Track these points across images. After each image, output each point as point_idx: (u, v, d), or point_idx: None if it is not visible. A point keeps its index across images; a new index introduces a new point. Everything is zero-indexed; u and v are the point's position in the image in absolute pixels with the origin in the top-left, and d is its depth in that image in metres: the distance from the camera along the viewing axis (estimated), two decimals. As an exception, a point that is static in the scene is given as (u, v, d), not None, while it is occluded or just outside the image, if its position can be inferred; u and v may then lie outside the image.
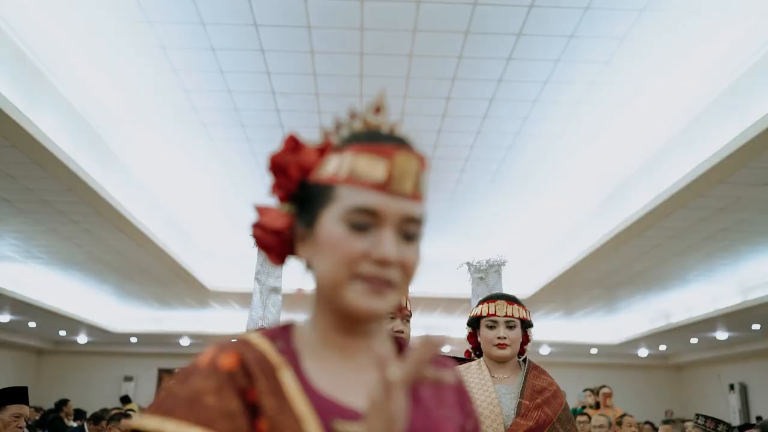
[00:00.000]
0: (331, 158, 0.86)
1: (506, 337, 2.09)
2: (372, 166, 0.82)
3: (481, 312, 2.16)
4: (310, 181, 0.87)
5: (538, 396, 2.06)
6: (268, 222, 0.89)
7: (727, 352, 16.24)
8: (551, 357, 18.59)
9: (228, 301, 14.52)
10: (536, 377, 2.15)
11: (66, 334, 17.16)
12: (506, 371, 2.14)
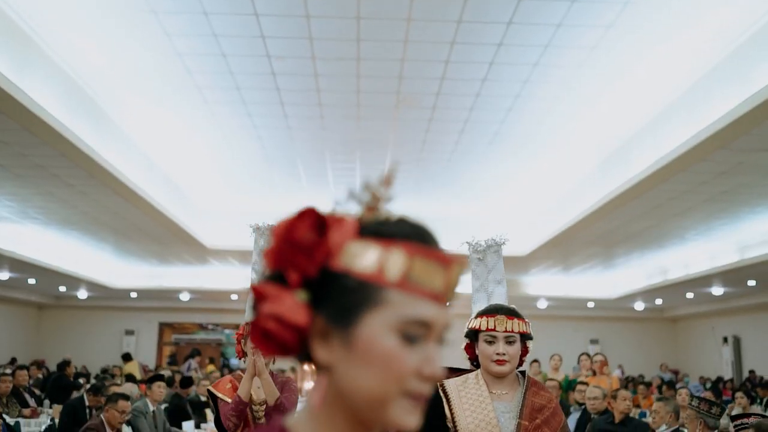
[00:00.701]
0: (363, 247, 0.75)
1: (505, 353, 2.03)
2: (432, 274, 0.74)
3: (480, 326, 2.07)
4: (335, 268, 0.74)
5: (538, 415, 2.01)
6: (287, 314, 0.72)
7: (722, 306, 16.39)
8: (548, 311, 18.77)
9: (227, 258, 14.56)
10: (535, 394, 2.09)
11: (66, 290, 17.26)
12: (504, 387, 2.08)
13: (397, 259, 0.72)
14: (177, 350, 20.76)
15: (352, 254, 0.74)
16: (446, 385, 2.09)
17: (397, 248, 0.73)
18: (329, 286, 0.74)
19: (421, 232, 0.77)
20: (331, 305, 0.74)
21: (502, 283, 2.51)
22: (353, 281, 0.73)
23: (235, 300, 18.89)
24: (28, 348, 18.97)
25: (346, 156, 9.41)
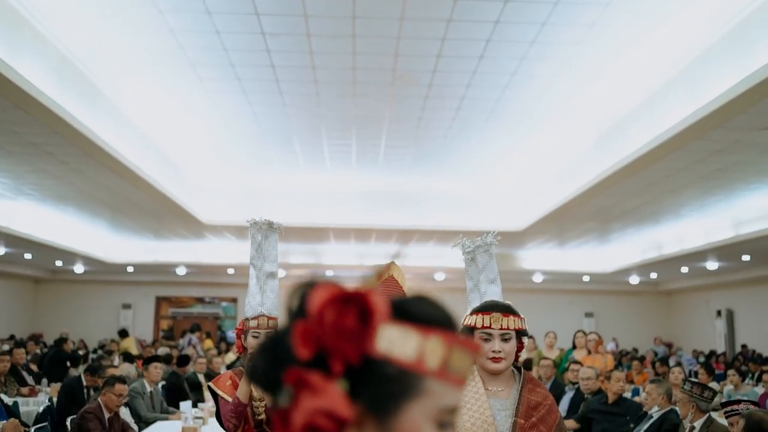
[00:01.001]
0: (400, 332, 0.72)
1: (501, 351, 2.02)
2: (465, 362, 0.73)
3: (475, 323, 2.07)
4: (373, 354, 0.71)
5: (533, 413, 2.01)
6: (336, 409, 0.68)
7: (716, 279, 16.50)
8: (544, 284, 18.87)
9: (223, 233, 14.57)
10: (531, 391, 2.09)
11: (62, 264, 17.27)
12: (500, 383, 2.08)
13: (437, 348, 0.71)
14: (174, 324, 20.86)
15: (389, 339, 0.71)
16: None
17: (435, 337, 0.71)
18: (368, 373, 0.71)
19: (450, 317, 0.75)
20: (370, 394, 0.71)
21: (496, 282, 2.51)
22: (393, 369, 0.71)
23: (232, 274, 18.94)
24: (25, 322, 19.04)
25: (342, 132, 9.36)
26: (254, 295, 2.89)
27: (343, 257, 16.81)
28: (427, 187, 12.43)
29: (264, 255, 2.94)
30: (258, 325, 2.84)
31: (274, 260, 2.97)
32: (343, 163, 10.90)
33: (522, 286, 19.65)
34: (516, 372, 2.16)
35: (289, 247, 16.63)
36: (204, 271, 18.36)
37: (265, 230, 2.97)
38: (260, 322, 2.84)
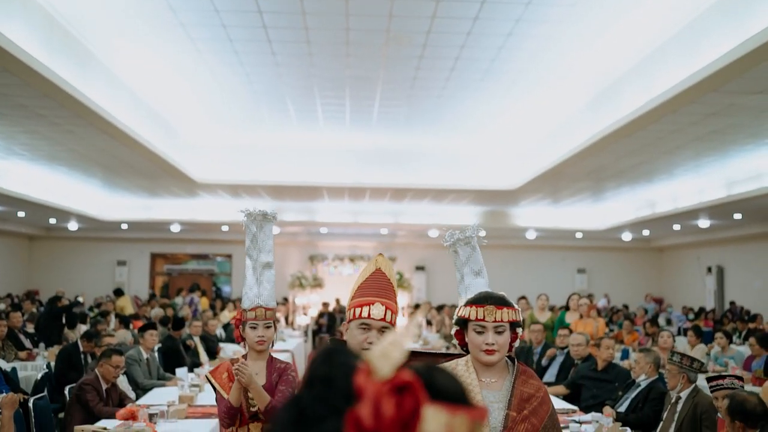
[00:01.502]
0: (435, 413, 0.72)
1: (495, 343, 2.02)
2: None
3: (469, 315, 2.06)
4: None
5: (526, 405, 2.02)
6: None
7: (708, 237, 16.63)
8: (537, 241, 18.99)
9: (217, 192, 14.54)
10: (524, 383, 2.09)
11: (56, 222, 17.25)
12: (494, 375, 2.09)
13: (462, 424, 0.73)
14: (169, 280, 20.98)
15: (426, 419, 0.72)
16: None
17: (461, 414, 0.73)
18: None
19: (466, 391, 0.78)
20: None
21: (481, 274, 2.50)
22: None
23: (226, 231, 18.97)
24: (20, 279, 19.12)
25: (336, 92, 9.28)
26: (251, 287, 2.89)
27: (337, 215, 16.83)
28: (422, 146, 12.39)
29: (259, 246, 2.94)
30: (255, 317, 2.86)
31: (270, 250, 2.96)
32: (336, 122, 10.83)
33: (515, 242, 19.77)
34: (509, 363, 2.16)
35: (282, 205, 16.64)
36: (198, 228, 18.38)
37: (260, 221, 2.96)
38: (257, 313, 2.86)
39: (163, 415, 4.02)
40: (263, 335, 2.84)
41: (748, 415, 2.85)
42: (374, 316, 2.03)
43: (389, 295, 2.12)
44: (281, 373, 2.85)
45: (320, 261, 18.33)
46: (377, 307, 2.05)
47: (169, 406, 4.23)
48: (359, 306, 2.07)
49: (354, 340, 2.04)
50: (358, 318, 2.05)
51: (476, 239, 2.54)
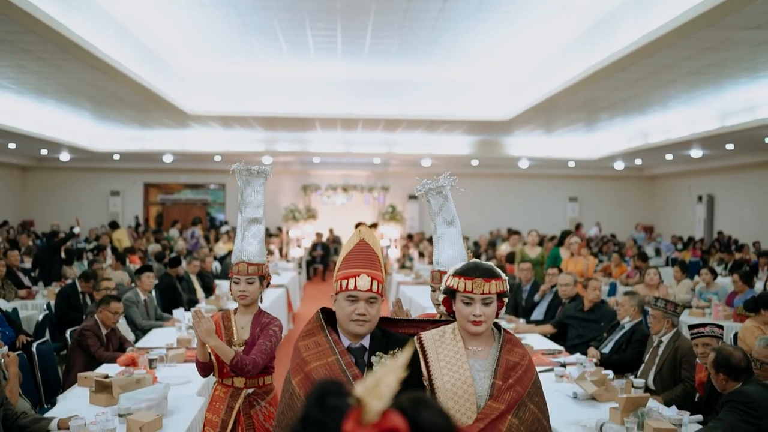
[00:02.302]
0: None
1: (482, 314, 2.06)
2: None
3: (458, 287, 2.08)
4: None
5: (511, 374, 2.07)
6: None
7: (700, 166, 16.69)
8: (530, 170, 19.02)
9: (208, 123, 14.42)
10: (509, 351, 2.13)
11: (48, 153, 17.15)
12: (480, 343, 2.14)
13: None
14: (163, 210, 21.04)
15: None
16: (424, 339, 2.15)
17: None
18: None
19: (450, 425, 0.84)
20: None
21: (454, 224, 2.54)
22: None
23: (219, 161, 18.91)
24: (15, 209, 19.14)
25: (327, 24, 9.09)
26: (238, 242, 2.92)
27: (329, 145, 16.77)
28: (414, 77, 12.23)
29: (246, 201, 2.94)
30: (238, 272, 2.88)
31: (258, 206, 2.97)
32: (328, 53, 10.65)
33: (508, 171, 19.80)
34: (495, 330, 2.20)
35: (275, 136, 16.54)
36: (191, 158, 18.31)
37: (246, 176, 2.95)
38: (240, 268, 2.88)
39: (163, 360, 4.15)
40: (245, 290, 2.87)
41: (732, 368, 2.98)
42: (360, 287, 2.07)
43: (374, 266, 2.16)
44: (264, 327, 2.89)
45: (313, 191, 18.37)
46: (363, 278, 2.08)
47: (168, 350, 4.36)
48: (345, 278, 2.10)
49: (342, 311, 2.09)
50: (345, 290, 2.08)
51: (449, 189, 2.57)
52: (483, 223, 19.31)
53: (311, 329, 2.13)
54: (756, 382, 3.01)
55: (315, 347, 2.07)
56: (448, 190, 2.58)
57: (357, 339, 2.12)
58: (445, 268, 2.30)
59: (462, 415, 2.01)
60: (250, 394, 2.82)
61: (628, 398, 3.18)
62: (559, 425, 3.17)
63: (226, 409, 2.77)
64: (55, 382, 4.61)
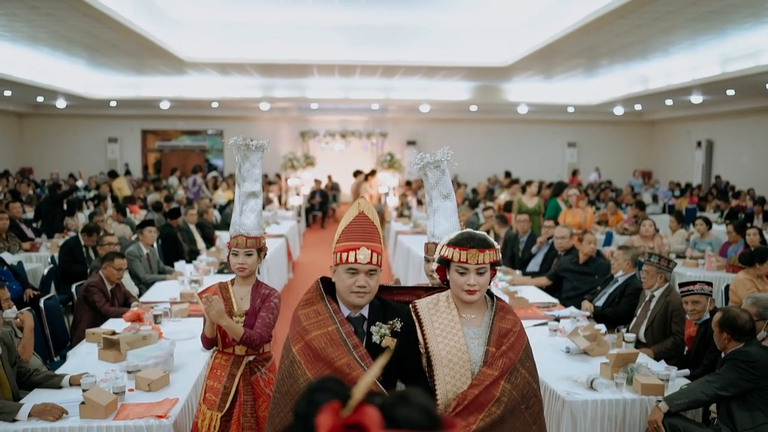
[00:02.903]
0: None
1: (476, 284, 2.12)
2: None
3: (452, 257, 2.13)
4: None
5: (504, 341, 2.14)
6: None
7: (699, 111, 16.60)
8: (529, 115, 18.92)
9: (205, 70, 14.29)
10: (502, 319, 2.20)
11: (44, 100, 17.01)
12: (473, 311, 2.20)
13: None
14: (161, 157, 20.99)
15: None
16: (419, 307, 2.22)
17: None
18: None
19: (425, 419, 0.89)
20: None
21: (450, 197, 2.58)
22: None
23: (216, 107, 18.79)
24: (13, 156, 19.09)
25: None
26: (236, 215, 2.96)
27: (327, 91, 16.64)
28: (413, 23, 12.07)
29: (243, 175, 2.95)
30: (237, 245, 2.93)
31: (256, 180, 2.97)
32: (325, 2, 10.51)
33: (507, 117, 19.70)
34: (488, 298, 2.26)
35: (272, 82, 16.40)
36: (188, 104, 18.19)
37: (244, 151, 2.95)
38: (238, 241, 2.93)
39: (167, 315, 4.26)
40: (243, 263, 2.92)
41: (737, 329, 3.07)
42: (361, 260, 2.10)
43: (374, 238, 2.19)
44: (264, 299, 2.95)
45: (312, 137, 18.31)
46: (363, 251, 2.12)
47: (171, 304, 4.46)
48: (345, 251, 2.13)
49: (343, 284, 2.14)
50: (345, 263, 2.12)
51: (446, 163, 2.61)
52: (481, 169, 19.30)
53: (311, 298, 2.19)
54: (757, 343, 3.10)
55: (315, 316, 2.12)
56: (446, 164, 2.61)
57: (356, 309, 2.17)
58: (440, 240, 2.35)
59: (457, 381, 2.10)
60: (251, 361, 2.91)
61: (618, 354, 3.29)
62: (551, 380, 3.29)
63: (228, 377, 2.86)
64: (63, 336, 4.73)
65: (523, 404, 2.11)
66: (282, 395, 2.10)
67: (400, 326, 2.13)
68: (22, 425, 2.70)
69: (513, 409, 2.08)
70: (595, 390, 3.14)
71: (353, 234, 2.15)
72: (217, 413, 2.82)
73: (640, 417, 3.10)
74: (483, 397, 2.05)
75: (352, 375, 1.97)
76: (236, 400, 2.85)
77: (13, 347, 3.22)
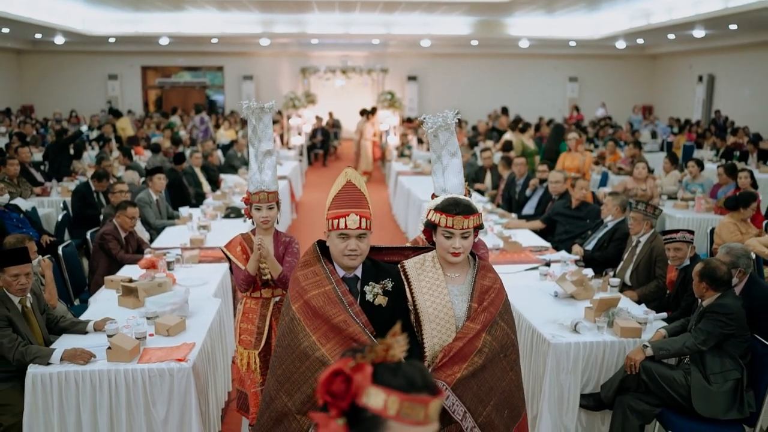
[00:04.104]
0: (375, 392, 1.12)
1: (461, 247, 2.30)
2: (416, 411, 1.12)
3: (439, 222, 2.32)
4: (360, 403, 1.12)
5: (485, 297, 2.35)
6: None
7: (702, 45, 16.48)
8: (530, 50, 18.77)
9: (203, 5, 14.17)
10: (483, 276, 2.40)
11: (42, 37, 16.90)
12: (457, 270, 2.40)
13: (394, 402, 1.11)
14: (162, 93, 20.95)
15: (368, 395, 1.12)
16: (407, 267, 2.42)
17: (394, 395, 1.12)
18: (357, 414, 1.13)
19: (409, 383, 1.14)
20: (358, 428, 1.13)
21: (457, 155, 2.80)
22: (369, 413, 1.12)
23: (216, 43, 18.65)
24: (13, 94, 19.09)
25: None
26: (255, 173, 3.20)
27: (327, 27, 16.51)
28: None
29: (259, 136, 3.19)
30: (259, 200, 3.20)
31: (270, 138, 3.22)
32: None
33: (508, 51, 19.54)
34: (471, 258, 2.46)
35: (272, 18, 16.25)
36: (187, 41, 18.06)
37: (258, 113, 3.17)
38: (261, 197, 3.19)
39: (179, 261, 4.49)
40: (267, 215, 3.21)
41: (715, 279, 3.28)
42: (350, 225, 2.29)
43: (362, 204, 2.36)
44: (287, 246, 3.26)
45: (312, 73, 18.23)
46: (352, 217, 2.29)
47: (183, 251, 4.69)
48: (336, 218, 2.31)
49: (336, 248, 2.33)
50: (336, 229, 2.31)
51: (453, 125, 2.80)
52: (482, 104, 19.29)
53: (308, 260, 2.39)
54: (732, 294, 3.32)
55: (313, 277, 2.33)
56: (454, 125, 2.81)
57: (350, 270, 2.37)
58: (451, 194, 2.56)
59: (443, 335, 2.34)
60: (276, 302, 3.22)
61: (601, 299, 3.53)
62: (539, 323, 3.54)
63: (260, 318, 3.18)
64: (81, 281, 4.99)
65: (501, 353, 2.34)
66: (283, 349, 2.33)
67: (391, 286, 2.35)
68: (56, 368, 2.97)
69: (493, 358, 2.32)
70: (578, 333, 3.40)
71: (342, 201, 2.35)
72: (254, 351, 3.16)
73: (618, 357, 3.36)
74: (467, 349, 2.28)
75: (349, 330, 2.20)
76: (270, 337, 3.17)
77: (41, 295, 3.47)
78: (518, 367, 2.45)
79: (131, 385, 2.97)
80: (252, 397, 3.18)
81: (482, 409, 2.32)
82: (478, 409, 2.31)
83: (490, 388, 2.34)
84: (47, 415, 2.95)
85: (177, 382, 2.99)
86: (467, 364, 2.28)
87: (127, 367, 2.98)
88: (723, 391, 3.07)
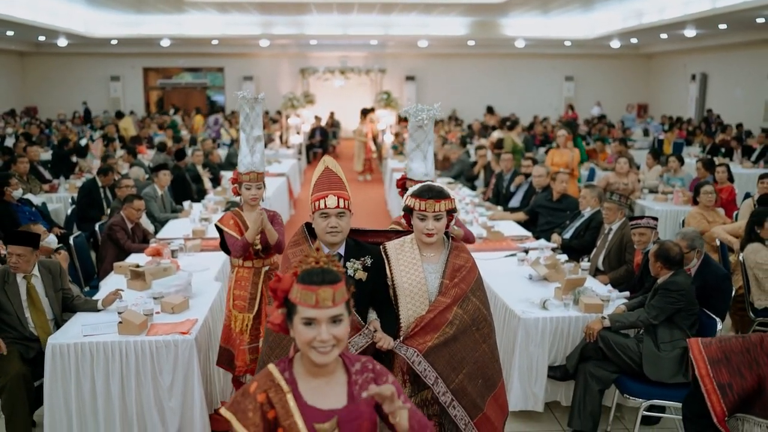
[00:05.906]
0: (294, 287, 1.60)
1: (434, 228, 2.59)
2: (309, 296, 1.57)
3: (414, 206, 2.61)
4: (288, 297, 1.62)
5: (457, 274, 2.62)
6: (273, 319, 1.66)
7: (694, 45, 16.77)
8: (526, 50, 19.06)
9: (204, 8, 14.48)
10: (456, 256, 2.67)
11: (45, 39, 17.22)
12: (432, 250, 2.69)
13: (296, 290, 1.59)
14: (163, 94, 21.28)
15: (292, 291, 1.61)
16: (388, 248, 2.72)
17: (297, 285, 1.58)
18: (288, 304, 1.63)
19: (310, 279, 1.58)
20: (288, 313, 1.63)
21: (432, 143, 3.25)
22: (290, 303, 1.61)
23: (216, 45, 18.97)
24: (17, 95, 19.42)
25: None
26: (246, 155, 3.61)
27: (326, 28, 16.81)
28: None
29: (251, 123, 3.60)
30: (250, 179, 3.60)
31: (260, 126, 3.65)
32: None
33: (505, 51, 19.84)
34: (446, 240, 2.75)
35: (271, 19, 16.56)
36: (188, 42, 18.38)
37: (252, 103, 3.57)
38: (251, 177, 3.60)
39: (182, 250, 4.81)
40: (255, 194, 3.61)
41: (669, 259, 3.59)
42: (330, 205, 2.59)
43: (339, 186, 2.67)
44: (272, 219, 3.64)
45: (311, 74, 18.55)
46: (331, 198, 2.60)
47: (185, 240, 5.02)
48: (317, 200, 2.62)
49: (319, 227, 2.63)
50: (318, 209, 2.61)
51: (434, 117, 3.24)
52: (479, 104, 19.58)
53: (297, 240, 2.72)
54: (684, 273, 3.63)
55: (301, 254, 2.60)
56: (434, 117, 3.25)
57: (334, 248, 2.66)
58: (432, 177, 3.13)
59: (417, 308, 2.63)
60: (267, 270, 3.60)
61: (569, 279, 3.84)
62: (513, 301, 3.84)
63: (252, 285, 3.55)
64: (90, 270, 5.32)
65: (473, 326, 2.62)
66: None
67: (371, 262, 2.63)
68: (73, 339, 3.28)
69: (465, 330, 2.59)
70: (547, 309, 3.72)
71: (322, 185, 2.67)
72: (248, 314, 3.52)
73: (582, 332, 3.68)
74: (438, 320, 2.57)
75: None
76: (262, 302, 3.53)
77: (56, 275, 3.78)
78: (492, 340, 2.71)
79: (140, 355, 3.29)
80: (240, 354, 3.54)
81: (454, 376, 2.59)
82: (450, 376, 2.58)
83: (462, 358, 2.60)
84: (65, 382, 3.27)
85: (181, 353, 3.31)
86: (438, 333, 2.55)
87: (136, 339, 3.30)
88: (670, 357, 3.39)
